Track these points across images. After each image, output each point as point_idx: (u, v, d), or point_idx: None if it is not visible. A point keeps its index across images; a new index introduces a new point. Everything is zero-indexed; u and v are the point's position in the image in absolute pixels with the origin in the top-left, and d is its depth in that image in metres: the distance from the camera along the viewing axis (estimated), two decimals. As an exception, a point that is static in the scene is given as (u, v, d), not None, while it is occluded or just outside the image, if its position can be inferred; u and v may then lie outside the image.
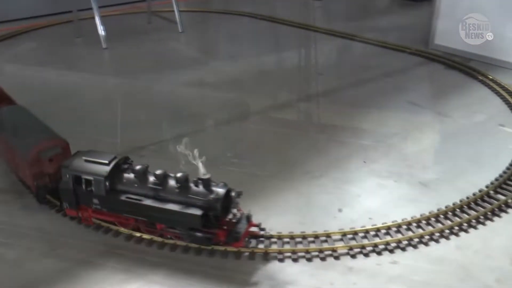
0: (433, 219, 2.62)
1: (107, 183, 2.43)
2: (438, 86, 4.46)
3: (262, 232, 2.48)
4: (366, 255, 2.39)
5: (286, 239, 2.48)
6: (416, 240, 2.48)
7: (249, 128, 3.65)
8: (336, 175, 2.99)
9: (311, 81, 4.45)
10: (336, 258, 2.38)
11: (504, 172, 2.99)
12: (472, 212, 2.66)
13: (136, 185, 2.45)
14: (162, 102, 4.10)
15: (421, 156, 3.19)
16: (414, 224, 2.58)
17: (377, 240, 2.47)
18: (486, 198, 2.78)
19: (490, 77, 4.39)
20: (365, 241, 2.46)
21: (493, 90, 4.18)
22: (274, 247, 2.44)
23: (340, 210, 2.67)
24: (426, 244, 2.46)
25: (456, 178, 2.97)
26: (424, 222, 2.59)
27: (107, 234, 2.57)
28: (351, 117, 3.76)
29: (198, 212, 2.31)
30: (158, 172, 2.42)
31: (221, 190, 2.35)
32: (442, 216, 2.64)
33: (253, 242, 2.48)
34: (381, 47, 5.44)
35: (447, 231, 2.54)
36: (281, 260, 2.37)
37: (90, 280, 2.27)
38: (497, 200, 2.75)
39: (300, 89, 4.26)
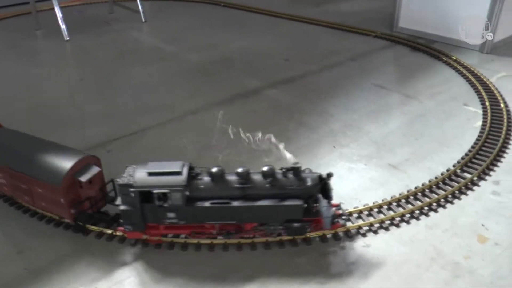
0: (403, 200, 2.65)
1: (186, 193, 2.25)
2: (404, 68, 4.49)
3: (340, 211, 2.44)
4: (339, 239, 2.40)
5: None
6: (388, 222, 2.50)
7: (218, 117, 3.60)
8: (306, 161, 2.97)
9: (278, 68, 4.41)
10: (308, 243, 2.38)
11: (470, 151, 3.05)
12: (441, 192, 2.70)
13: (218, 188, 2.28)
14: (127, 94, 4.02)
15: (389, 139, 3.22)
16: (385, 207, 2.60)
17: (349, 224, 2.48)
18: (453, 177, 2.83)
19: (454, 58, 4.47)
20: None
21: (457, 70, 4.25)
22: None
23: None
24: (397, 225, 2.48)
25: (424, 158, 3.01)
26: (394, 204, 2.62)
27: (77, 232, 2.48)
28: (319, 102, 3.75)
29: (299, 202, 2.27)
30: (240, 170, 2.28)
31: (314, 176, 2.31)
32: (412, 197, 2.67)
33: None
34: (346, 31, 5.46)
35: (417, 211, 2.57)
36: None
37: (61, 280, 2.20)
38: (463, 178, 2.81)
39: (267, 76, 4.22)
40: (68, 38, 5.37)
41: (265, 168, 2.29)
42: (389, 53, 4.83)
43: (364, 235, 2.42)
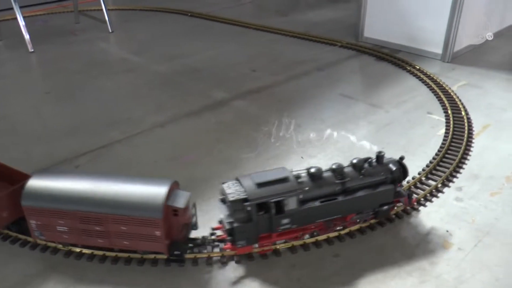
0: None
1: (300, 196, 2.31)
2: (369, 77, 4.58)
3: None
4: (307, 249, 2.42)
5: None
6: (355, 230, 2.55)
7: (186, 129, 3.61)
8: (275, 172, 3.01)
9: (245, 78, 4.43)
10: (278, 255, 2.40)
11: (434, 158, 3.14)
12: (406, 200, 2.77)
13: (321, 186, 2.39)
14: (94, 107, 3.97)
15: (356, 148, 3.27)
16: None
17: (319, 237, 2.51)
18: (418, 185, 2.90)
19: (417, 67, 4.58)
20: (306, 236, 2.49)
21: (420, 79, 4.36)
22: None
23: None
24: (363, 233, 2.53)
25: (390, 167, 3.07)
26: (362, 213, 2.67)
27: (45, 252, 2.44)
28: (286, 113, 3.79)
29: (390, 186, 2.48)
30: (335, 166, 2.44)
31: (394, 161, 2.56)
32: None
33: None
34: (312, 41, 5.53)
35: (384, 219, 2.63)
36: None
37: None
38: (428, 185, 2.88)
39: (234, 86, 4.24)
40: (32, 50, 5.27)
41: (355, 161, 2.49)
42: (355, 62, 4.92)
43: (331, 243, 2.46)
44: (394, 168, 2.51)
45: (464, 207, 2.72)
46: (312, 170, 2.40)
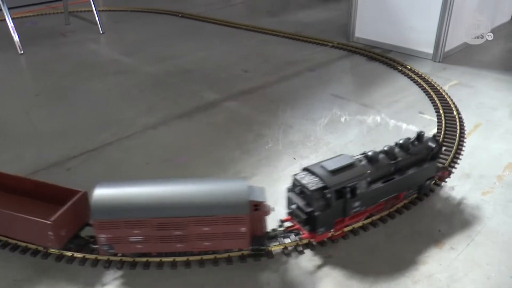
0: (362, 209, 2.70)
1: (369, 179, 2.43)
2: (361, 78, 4.58)
3: None
4: (301, 252, 2.42)
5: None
6: (347, 231, 2.55)
7: (177, 130, 3.59)
8: (267, 174, 3.01)
9: (237, 79, 4.42)
10: (271, 257, 2.39)
11: (426, 159, 3.14)
12: (399, 200, 2.77)
13: (379, 168, 2.51)
14: (85, 109, 3.94)
15: (349, 148, 3.27)
16: (345, 216, 2.65)
17: (310, 236, 2.51)
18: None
19: (409, 67, 4.60)
20: (305, 241, 2.47)
21: (412, 79, 4.37)
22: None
23: (272, 209, 2.66)
24: (356, 234, 2.53)
25: (382, 167, 3.07)
26: (354, 213, 2.67)
27: (35, 256, 2.40)
28: (278, 114, 3.79)
29: (432, 162, 2.69)
30: (387, 148, 2.59)
31: (431, 138, 2.73)
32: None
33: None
34: (303, 41, 5.53)
35: (376, 219, 2.63)
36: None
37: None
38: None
39: (225, 87, 4.23)
40: (22, 51, 5.23)
41: (401, 141, 2.65)
42: (346, 63, 4.93)
43: (324, 245, 2.45)
44: (433, 145, 2.68)
45: (456, 206, 2.72)
46: (370, 153, 2.53)
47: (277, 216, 2.51)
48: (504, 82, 4.34)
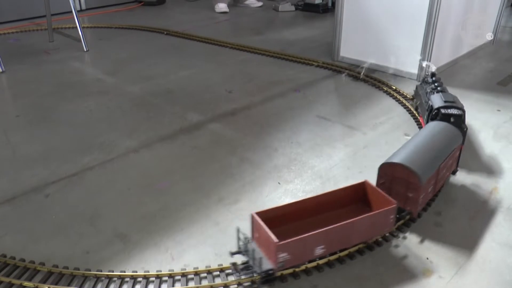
0: (348, 237, 2.65)
1: None
2: (346, 98, 4.57)
3: None
4: (285, 280, 2.36)
5: (203, 274, 2.40)
6: (333, 259, 2.49)
7: (160, 154, 3.53)
8: (251, 199, 2.95)
9: (221, 100, 4.38)
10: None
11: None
12: (385, 226, 2.72)
13: None
14: (66, 131, 3.86)
15: (334, 172, 3.23)
16: (331, 244, 2.60)
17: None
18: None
19: (394, 87, 4.59)
20: (284, 267, 2.44)
21: (397, 99, 4.36)
22: (191, 284, 2.35)
23: None
24: (341, 262, 2.47)
25: (367, 192, 3.03)
26: (341, 241, 2.62)
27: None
28: (263, 136, 3.75)
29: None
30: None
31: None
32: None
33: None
34: (288, 60, 5.52)
35: (363, 247, 2.58)
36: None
37: None
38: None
39: (209, 108, 4.18)
40: (3, 70, 5.14)
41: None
42: (331, 83, 4.92)
43: (309, 273, 2.39)
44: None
45: (443, 232, 2.69)
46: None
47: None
48: (486, 103, 4.36)
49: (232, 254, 2.36)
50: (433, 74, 3.80)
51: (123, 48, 6.11)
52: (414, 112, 4.05)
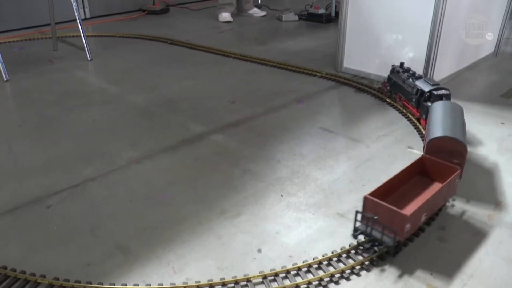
0: (352, 251, 2.63)
1: None
2: (349, 110, 4.56)
3: None
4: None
5: (206, 288, 2.38)
6: (338, 275, 2.47)
7: (162, 165, 3.51)
8: (253, 212, 2.93)
9: (223, 110, 4.37)
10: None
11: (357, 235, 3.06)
12: (388, 241, 2.70)
13: None
14: (69, 142, 3.86)
15: (337, 185, 3.21)
16: (335, 259, 2.57)
17: (298, 280, 2.43)
18: (400, 225, 2.84)
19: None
20: (287, 282, 2.41)
21: (400, 111, 4.35)
22: (193, 298, 2.34)
23: (259, 251, 2.61)
24: (347, 279, 2.45)
25: (371, 205, 3.01)
26: (344, 256, 2.59)
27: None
28: (265, 148, 3.73)
29: None
30: None
31: None
32: (361, 247, 2.65)
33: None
34: (291, 71, 5.52)
35: (366, 263, 2.55)
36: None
37: None
38: (410, 226, 2.83)
39: (212, 119, 4.17)
40: (7, 78, 5.15)
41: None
42: (334, 94, 4.90)
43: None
44: None
45: (447, 247, 2.66)
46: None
47: (262, 260, 2.42)
48: (490, 116, 4.34)
49: (355, 235, 2.66)
50: (401, 64, 4.40)
51: (127, 57, 6.12)
52: (418, 124, 4.04)
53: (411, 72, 4.21)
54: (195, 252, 2.60)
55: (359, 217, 2.62)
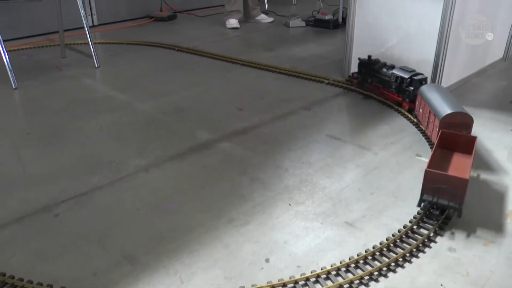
0: (361, 261, 2.60)
1: None
2: (357, 117, 4.53)
3: None
4: (297, 309, 2.32)
5: (213, 299, 2.37)
6: (346, 286, 2.44)
7: (169, 173, 3.51)
8: (261, 221, 2.91)
9: (231, 118, 4.35)
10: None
11: (425, 205, 3.05)
12: (399, 250, 2.67)
13: None
14: (76, 150, 3.86)
15: (345, 194, 3.19)
16: (343, 269, 2.54)
17: (306, 290, 2.41)
18: (410, 234, 2.80)
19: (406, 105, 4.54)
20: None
21: (408, 119, 4.32)
22: (201, 308, 2.32)
23: (267, 260, 2.58)
24: (354, 289, 2.43)
25: (380, 214, 2.99)
26: (352, 265, 2.57)
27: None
28: (273, 155, 3.71)
29: None
30: None
31: None
32: (370, 257, 2.63)
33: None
34: (299, 77, 5.51)
35: (375, 273, 2.52)
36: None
37: None
38: (420, 235, 2.79)
39: (219, 127, 4.16)
40: (16, 86, 5.18)
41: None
42: (341, 101, 4.88)
43: (320, 303, 2.35)
44: None
45: (457, 257, 2.63)
46: None
47: (270, 270, 2.39)
48: (499, 122, 4.30)
49: (422, 204, 2.98)
50: (369, 57, 4.79)
51: (134, 64, 6.13)
52: (425, 130, 4.01)
53: (381, 62, 4.63)
54: (202, 261, 2.58)
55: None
